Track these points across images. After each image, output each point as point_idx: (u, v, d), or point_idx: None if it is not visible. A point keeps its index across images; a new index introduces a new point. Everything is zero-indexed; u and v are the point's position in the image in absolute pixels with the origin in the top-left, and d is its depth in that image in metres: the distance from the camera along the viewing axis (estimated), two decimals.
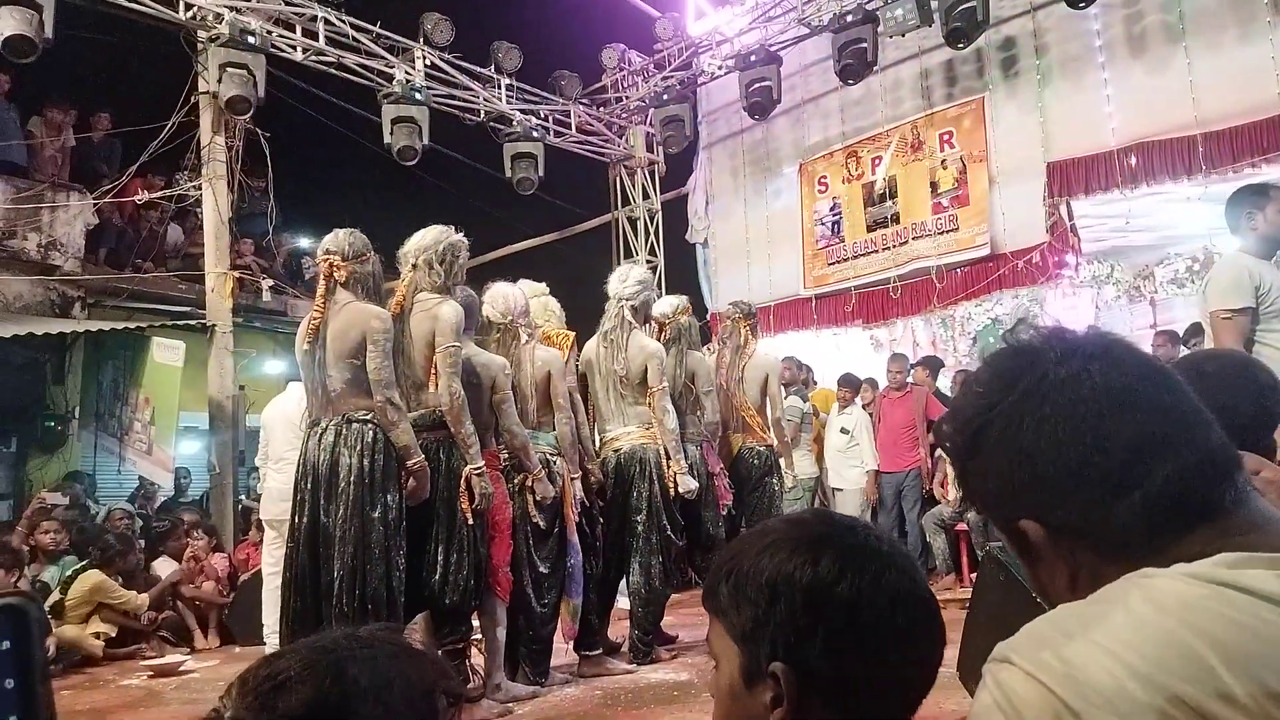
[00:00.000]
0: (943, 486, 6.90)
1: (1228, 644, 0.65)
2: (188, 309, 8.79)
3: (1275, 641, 0.65)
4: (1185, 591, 0.69)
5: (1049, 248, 8.17)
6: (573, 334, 4.72)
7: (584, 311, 5.22)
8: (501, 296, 4.27)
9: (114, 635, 5.55)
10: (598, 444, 4.81)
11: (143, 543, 6.74)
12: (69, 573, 5.61)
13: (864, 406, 7.50)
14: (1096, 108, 7.93)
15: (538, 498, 4.02)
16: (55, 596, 5.42)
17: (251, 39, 7.30)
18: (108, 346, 9.53)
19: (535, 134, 9.35)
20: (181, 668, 5.16)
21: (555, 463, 4.20)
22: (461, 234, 4.01)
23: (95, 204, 8.88)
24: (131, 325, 8.67)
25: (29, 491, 8.87)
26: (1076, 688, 0.67)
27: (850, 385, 7.55)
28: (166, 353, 8.39)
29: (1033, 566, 0.85)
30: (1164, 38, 7.57)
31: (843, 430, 7.35)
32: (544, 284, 4.79)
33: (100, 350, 9.62)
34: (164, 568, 6.22)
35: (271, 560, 5.48)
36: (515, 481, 4.04)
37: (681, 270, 10.97)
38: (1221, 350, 3.09)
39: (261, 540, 6.48)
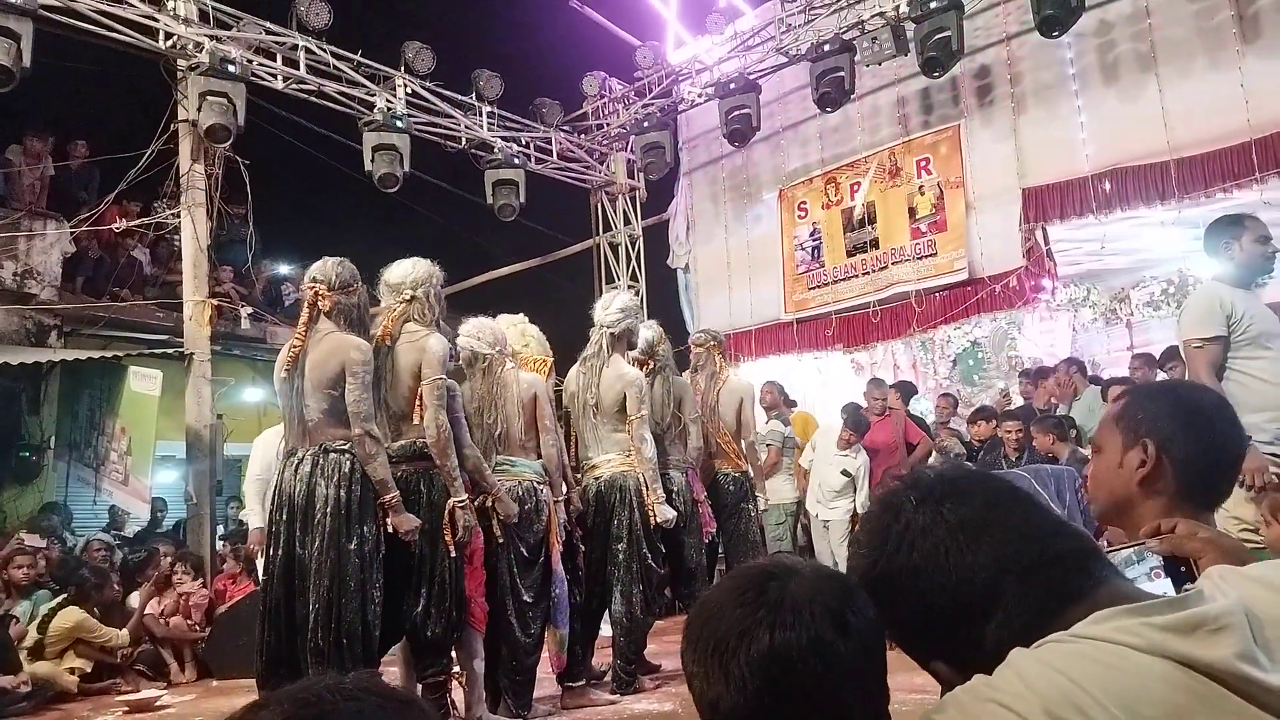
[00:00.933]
0: None
1: (1092, 680, 0.76)
2: (165, 337, 8.73)
3: (1130, 674, 0.77)
4: (1057, 647, 0.82)
5: (1026, 272, 8.25)
6: (550, 359, 4.71)
7: (566, 337, 5.23)
8: (487, 328, 4.28)
9: (89, 670, 5.45)
10: (579, 472, 4.80)
11: (117, 574, 6.64)
12: (44, 608, 5.52)
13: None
14: (1071, 134, 8.04)
15: (501, 517, 3.99)
16: (33, 635, 5.32)
17: (232, 68, 7.30)
18: (84, 375, 9.44)
19: (516, 161, 9.38)
20: (158, 703, 5.07)
21: (541, 491, 4.18)
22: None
23: (73, 232, 8.82)
24: (108, 354, 8.60)
25: (3, 523, 8.75)
26: None
27: (857, 429, 7.02)
28: (143, 382, 8.32)
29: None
30: (1136, 66, 7.70)
31: (844, 473, 6.93)
32: (521, 314, 4.80)
33: (76, 379, 9.53)
34: (137, 600, 6.11)
35: None
36: (477, 502, 3.97)
37: (663, 295, 11.01)
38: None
39: (241, 571, 6.42)
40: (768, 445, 7.06)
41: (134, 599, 6.11)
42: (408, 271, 3.92)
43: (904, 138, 9.21)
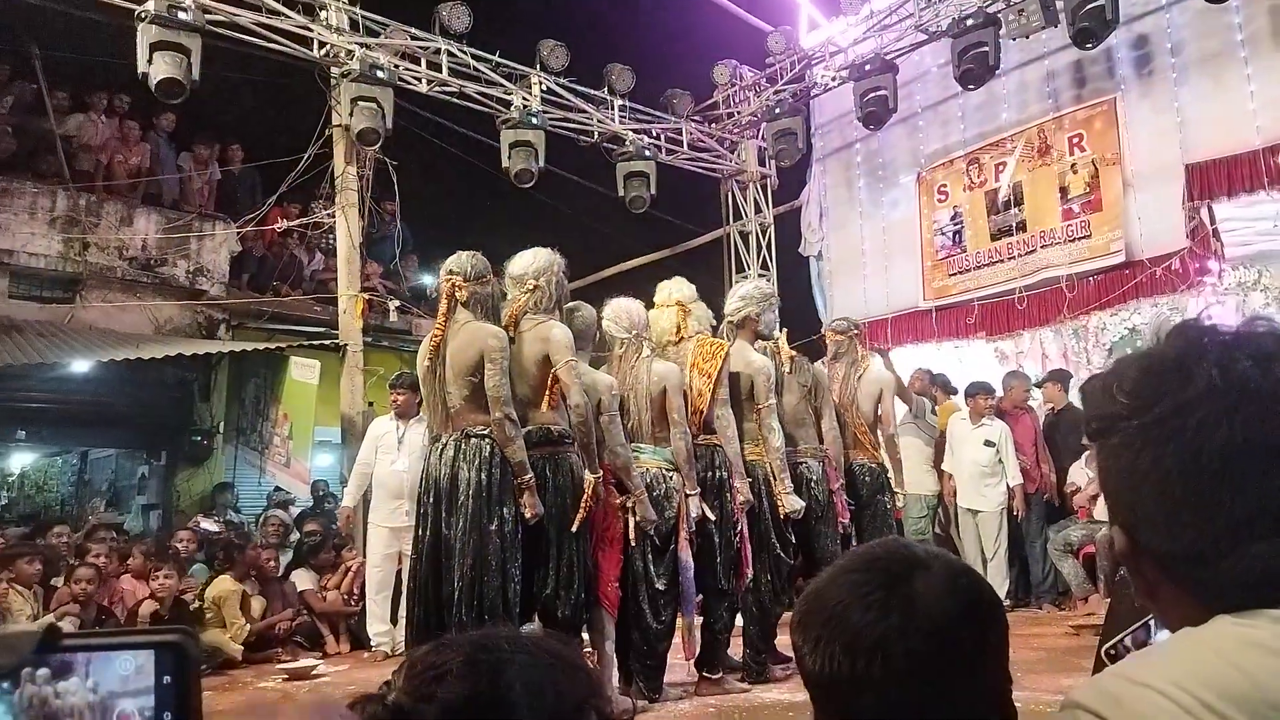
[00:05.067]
0: (1092, 501, 6.45)
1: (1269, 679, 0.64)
2: (322, 329, 9.25)
3: None
4: (1235, 631, 0.68)
5: (1189, 253, 7.72)
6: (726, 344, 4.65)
7: None
8: (625, 312, 4.32)
9: (252, 640, 5.86)
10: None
11: (289, 552, 7.08)
12: (202, 580, 6.00)
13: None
14: (1239, 105, 7.46)
15: (637, 519, 4.03)
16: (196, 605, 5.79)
17: (380, 73, 7.65)
18: (250, 365, 10.12)
19: (647, 153, 9.45)
20: (314, 671, 5.41)
21: (671, 478, 4.21)
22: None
23: (239, 232, 9.47)
24: (271, 345, 9.19)
25: (177, 501, 9.49)
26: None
27: (986, 391, 6.88)
28: (303, 371, 8.86)
29: (1125, 564, 0.83)
30: None
31: (987, 443, 6.71)
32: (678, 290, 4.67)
33: (243, 369, 10.23)
34: (302, 578, 6.49)
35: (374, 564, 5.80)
36: (623, 500, 4.06)
37: (795, 284, 10.86)
38: None
39: None
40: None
41: (299, 576, 6.47)
42: (529, 262, 4.01)
43: (1054, 113, 8.77)
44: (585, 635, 3.97)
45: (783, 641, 4.87)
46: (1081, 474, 6.66)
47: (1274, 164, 7.19)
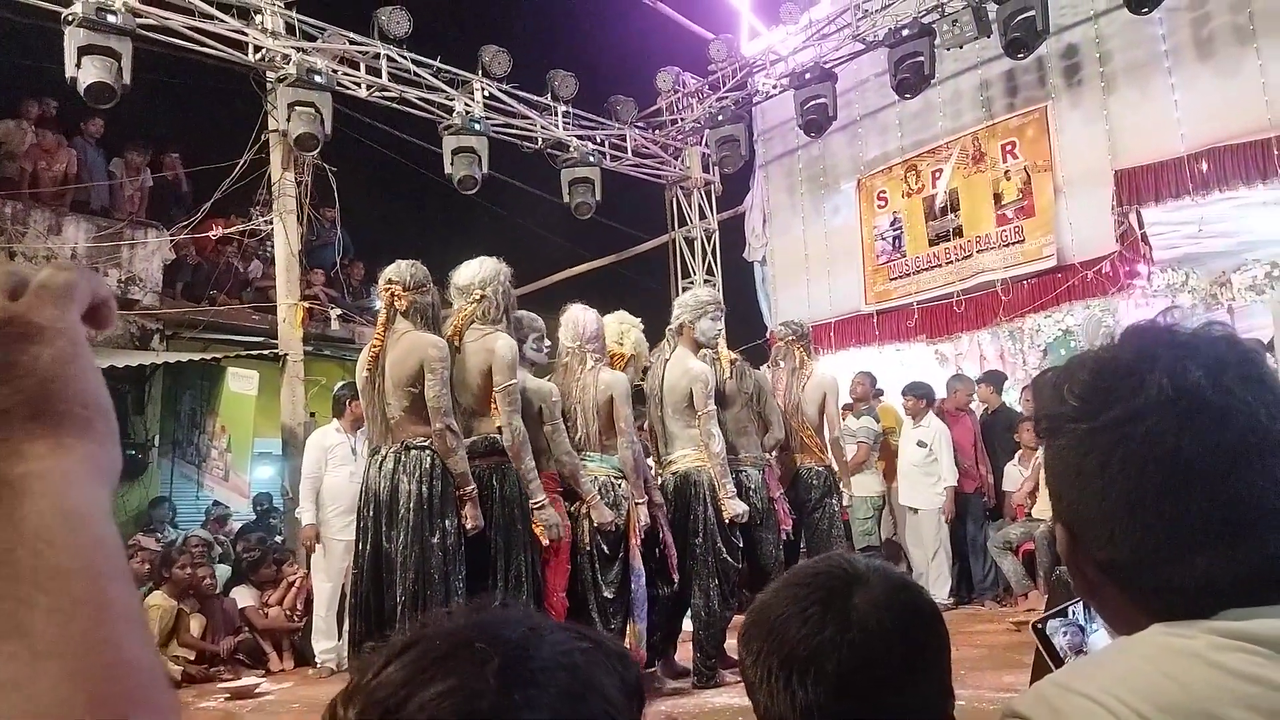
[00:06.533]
0: (1030, 499, 6.60)
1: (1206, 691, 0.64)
2: (260, 339, 9.07)
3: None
4: (1168, 641, 0.68)
5: (1119, 257, 7.95)
6: (640, 352, 4.73)
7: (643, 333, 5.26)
8: (572, 321, 4.34)
9: (192, 659, 5.71)
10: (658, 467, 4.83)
11: (229, 569, 6.93)
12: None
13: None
14: (1164, 113, 7.72)
15: (595, 524, 4.04)
16: None
17: (318, 78, 7.52)
18: (185, 376, 9.88)
19: (592, 159, 9.45)
20: (257, 689, 5.29)
21: (620, 486, 4.22)
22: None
23: (172, 239, 9.24)
24: (207, 356, 8.98)
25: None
26: None
27: (922, 394, 7.05)
28: (241, 382, 8.68)
29: (1066, 563, 0.82)
30: (1234, 39, 7.34)
31: (919, 444, 6.90)
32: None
33: (178, 380, 9.98)
34: (243, 595, 6.35)
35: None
36: (573, 507, 4.07)
37: (740, 289, 10.95)
38: None
39: None
40: (859, 441, 6.98)
41: (239, 593, 6.33)
42: (475, 271, 3.99)
43: (988, 122, 8.97)
44: None
45: (732, 646, 4.90)
46: (1016, 472, 6.85)
47: (1198, 170, 7.44)
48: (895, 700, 0.91)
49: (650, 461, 4.93)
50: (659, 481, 4.71)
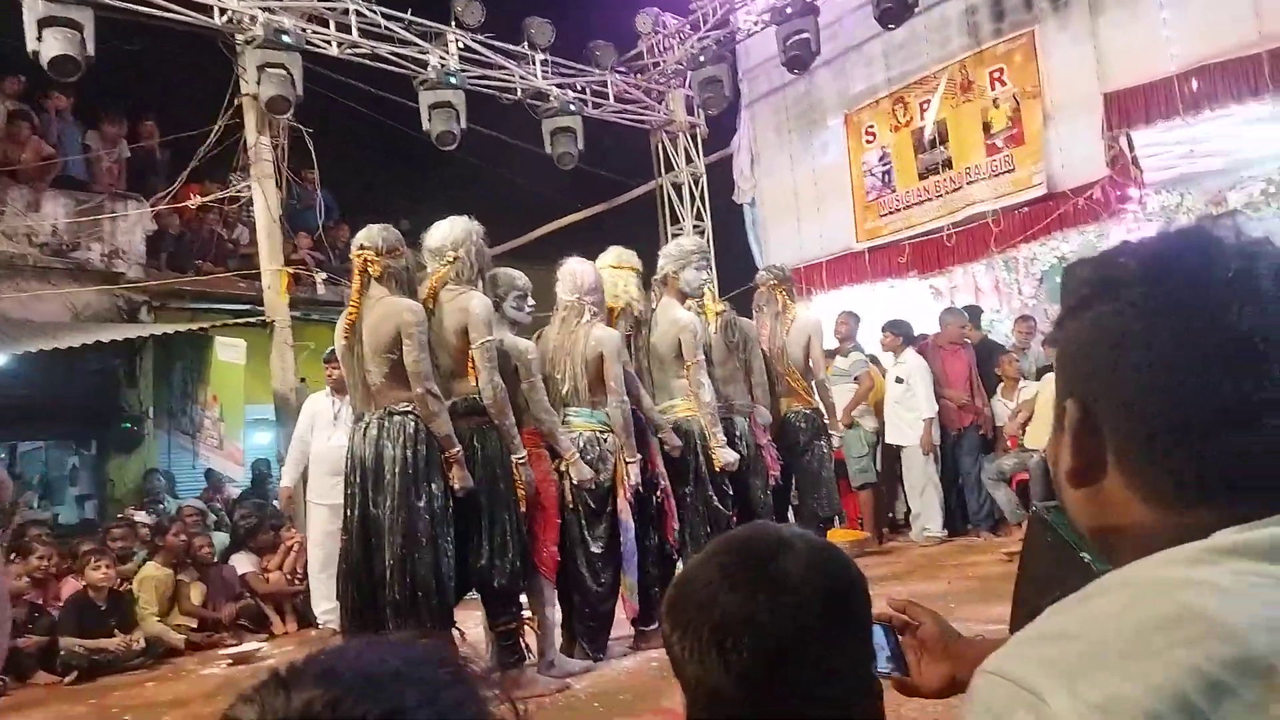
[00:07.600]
0: (1021, 430, 6.62)
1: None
2: (248, 306, 9.01)
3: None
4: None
5: (1110, 182, 7.85)
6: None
7: None
8: (571, 274, 4.29)
9: (194, 627, 5.77)
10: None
11: (226, 536, 6.98)
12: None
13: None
14: (1153, 33, 7.55)
15: (574, 481, 4.03)
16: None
17: (286, 37, 7.35)
18: (175, 347, 9.86)
19: (573, 107, 9.28)
20: (258, 655, 5.36)
21: (606, 440, 4.20)
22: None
23: (153, 210, 9.14)
24: (195, 326, 8.94)
25: (111, 490, 9.26)
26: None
27: (899, 331, 7.02)
28: (229, 351, 8.64)
29: (1055, 437, 0.77)
30: None
31: (898, 380, 6.90)
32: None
33: (169, 351, 9.96)
34: (242, 562, 6.40)
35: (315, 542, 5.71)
36: (555, 464, 4.06)
37: (730, 232, 10.84)
38: None
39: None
40: (854, 377, 6.98)
41: (239, 560, 6.39)
42: (446, 233, 3.94)
43: (975, 48, 8.80)
44: (525, 601, 3.97)
45: None
46: (1000, 406, 6.87)
47: (1189, 89, 7.30)
48: (827, 662, 0.91)
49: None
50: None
